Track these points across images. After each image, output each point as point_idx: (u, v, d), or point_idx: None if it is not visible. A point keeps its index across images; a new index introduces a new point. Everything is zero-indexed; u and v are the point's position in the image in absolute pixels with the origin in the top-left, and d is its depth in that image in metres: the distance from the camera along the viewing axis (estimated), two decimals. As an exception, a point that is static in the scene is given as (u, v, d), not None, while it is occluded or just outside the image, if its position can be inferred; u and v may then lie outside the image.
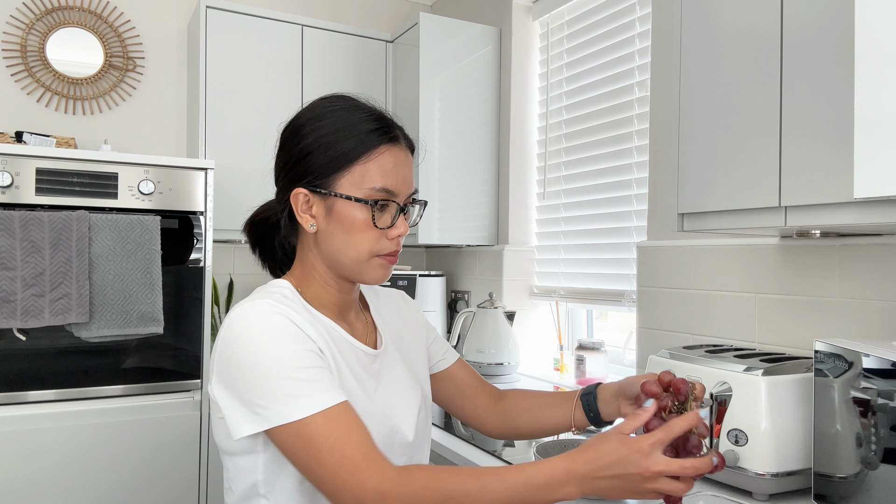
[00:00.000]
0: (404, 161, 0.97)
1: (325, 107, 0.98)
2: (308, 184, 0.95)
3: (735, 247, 1.65)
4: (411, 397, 1.05)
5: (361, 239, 0.94)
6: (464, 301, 2.82)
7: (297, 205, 0.96)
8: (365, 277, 0.98)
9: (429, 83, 2.56)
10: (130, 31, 2.65)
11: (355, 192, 0.93)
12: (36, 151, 1.91)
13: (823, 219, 1.12)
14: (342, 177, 0.93)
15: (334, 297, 1.01)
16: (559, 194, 2.47)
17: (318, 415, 0.83)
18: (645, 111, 2.06)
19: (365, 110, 0.97)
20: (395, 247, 0.97)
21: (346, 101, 0.99)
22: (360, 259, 0.96)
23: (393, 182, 0.95)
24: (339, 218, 0.94)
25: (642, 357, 1.93)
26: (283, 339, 0.87)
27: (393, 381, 1.04)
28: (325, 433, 0.82)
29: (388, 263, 0.98)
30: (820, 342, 1.09)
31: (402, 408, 1.03)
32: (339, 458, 0.81)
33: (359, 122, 0.95)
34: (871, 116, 0.90)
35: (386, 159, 0.95)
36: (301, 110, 1.00)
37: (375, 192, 0.93)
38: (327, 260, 0.98)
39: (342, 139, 0.94)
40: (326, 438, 0.82)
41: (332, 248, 0.96)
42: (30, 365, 1.91)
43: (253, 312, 0.89)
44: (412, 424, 1.03)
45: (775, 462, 1.17)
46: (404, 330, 1.14)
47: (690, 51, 1.38)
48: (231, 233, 2.50)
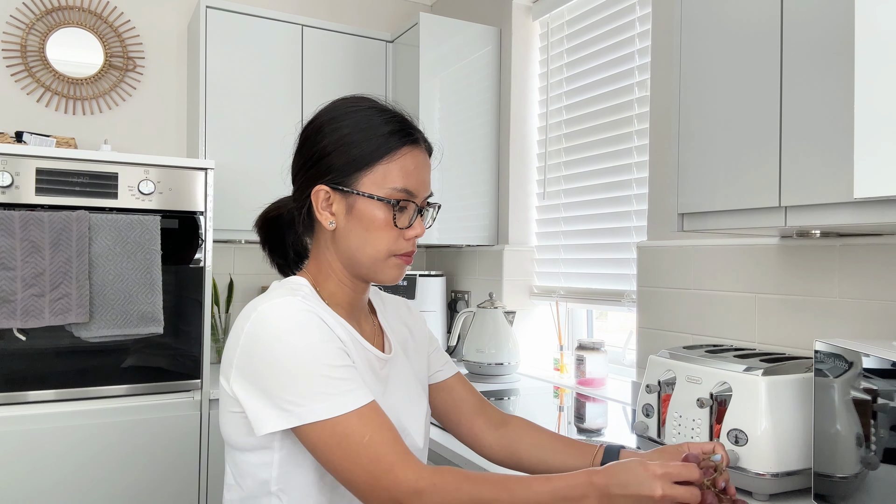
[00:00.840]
0: (424, 163, 0.99)
1: (348, 107, 0.99)
2: (330, 181, 0.96)
3: (735, 247, 1.65)
4: (418, 404, 1.06)
5: (380, 237, 0.96)
6: (464, 301, 2.82)
7: (317, 202, 0.97)
8: (381, 276, 0.99)
9: (429, 83, 2.56)
10: (130, 31, 2.65)
11: (377, 192, 0.94)
12: (36, 151, 1.91)
13: (823, 219, 1.12)
14: (365, 176, 0.95)
15: (348, 297, 1.02)
16: (559, 194, 2.47)
17: (352, 413, 0.84)
18: (645, 111, 2.06)
19: (387, 112, 0.99)
20: (411, 247, 0.98)
21: (367, 102, 1.00)
22: (378, 258, 0.97)
23: (413, 183, 0.96)
24: (359, 216, 0.95)
25: (642, 357, 1.93)
26: (315, 337, 0.87)
27: (401, 386, 1.04)
28: (360, 432, 0.83)
29: (403, 263, 0.99)
30: (820, 342, 1.09)
31: (411, 414, 1.03)
32: (374, 457, 0.82)
33: (381, 123, 0.97)
34: (870, 116, 0.90)
35: (408, 160, 0.96)
36: (322, 109, 1.01)
37: (397, 192, 0.95)
38: (343, 258, 0.99)
39: (365, 139, 0.95)
40: (361, 437, 0.83)
41: (351, 246, 0.97)
42: (30, 365, 1.91)
43: (282, 308, 0.89)
44: (421, 430, 1.04)
45: (775, 462, 1.17)
46: (408, 337, 1.15)
47: (690, 51, 1.38)
48: (231, 233, 2.50)
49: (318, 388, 0.84)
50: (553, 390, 2.18)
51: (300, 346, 0.86)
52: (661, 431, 1.36)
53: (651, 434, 1.39)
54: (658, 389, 1.38)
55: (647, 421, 1.40)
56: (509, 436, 1.14)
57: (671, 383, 1.35)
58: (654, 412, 1.38)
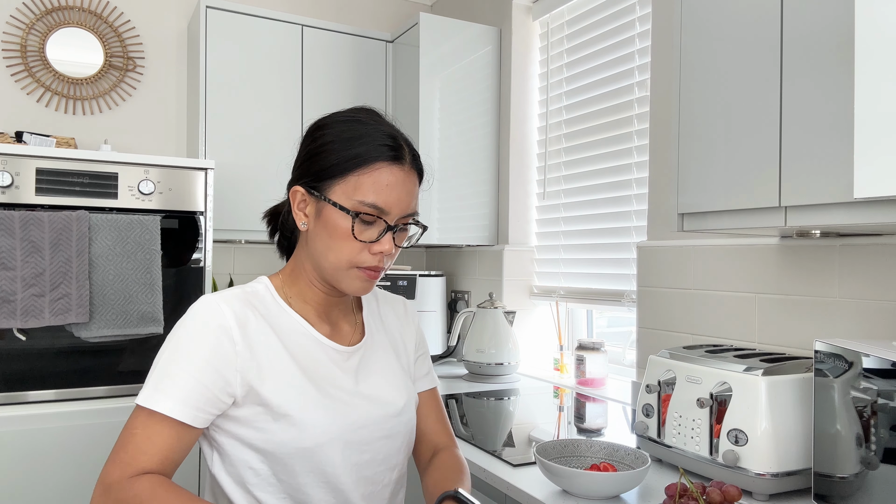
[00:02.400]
0: (402, 181, 0.97)
1: (348, 115, 1.01)
2: (306, 183, 0.99)
3: (735, 247, 1.65)
4: (400, 382, 1.08)
5: (342, 247, 0.96)
6: (464, 301, 2.82)
7: (294, 201, 1.00)
8: (343, 286, 1.00)
9: (429, 83, 2.56)
10: (130, 31, 2.65)
11: (343, 201, 0.95)
12: (36, 151, 1.91)
13: (823, 219, 1.12)
14: (336, 184, 0.96)
15: (318, 297, 1.04)
16: (559, 194, 2.47)
17: (147, 410, 0.90)
18: (645, 111, 2.06)
19: (381, 127, 0.99)
20: (376, 262, 0.98)
21: (367, 114, 1.02)
22: (339, 266, 0.98)
23: (384, 199, 0.96)
24: (325, 222, 0.97)
25: (642, 357, 1.93)
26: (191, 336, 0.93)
27: (378, 371, 1.07)
28: (137, 426, 0.90)
29: (367, 277, 0.99)
30: (820, 342, 1.09)
31: (392, 388, 1.06)
32: (120, 447, 0.90)
33: (370, 135, 0.97)
34: (870, 116, 0.90)
35: (382, 176, 0.96)
36: (327, 114, 1.04)
37: (363, 205, 0.95)
38: (312, 260, 1.01)
39: (348, 148, 0.96)
40: (132, 429, 0.90)
41: (316, 249, 0.99)
42: (30, 365, 1.91)
43: (197, 305, 0.96)
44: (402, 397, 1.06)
45: (775, 462, 1.17)
46: (399, 333, 1.17)
47: (690, 50, 1.38)
48: (231, 233, 2.50)
49: (156, 377, 0.92)
50: (553, 390, 2.18)
51: (176, 339, 0.94)
52: (661, 431, 1.36)
53: (651, 434, 1.39)
54: (658, 389, 1.38)
55: (647, 421, 1.40)
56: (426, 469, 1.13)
57: (671, 383, 1.35)
58: (654, 412, 1.38)
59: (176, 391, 0.90)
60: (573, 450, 1.33)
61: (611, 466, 1.22)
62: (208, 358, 0.92)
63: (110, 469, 0.88)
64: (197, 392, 0.91)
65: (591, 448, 1.32)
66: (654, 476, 1.32)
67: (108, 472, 0.88)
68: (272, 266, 2.85)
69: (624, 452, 1.28)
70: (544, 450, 1.30)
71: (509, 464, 1.41)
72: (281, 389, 0.95)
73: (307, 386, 0.97)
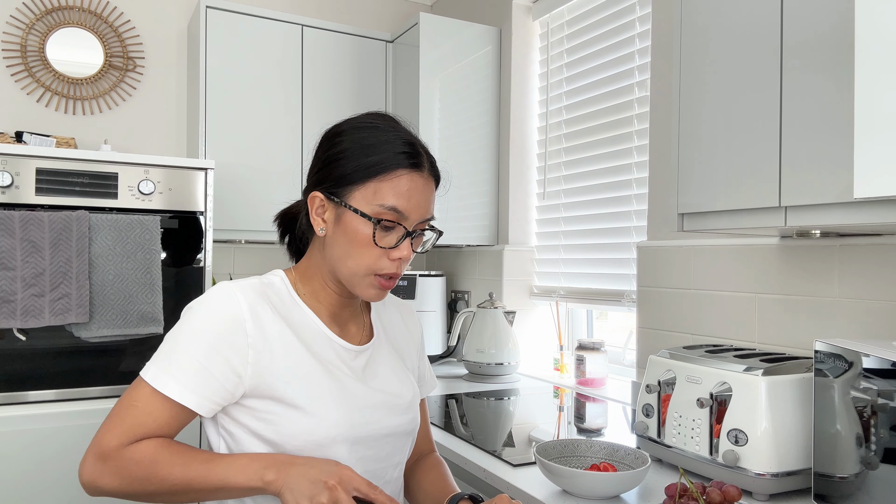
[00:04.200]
0: (422, 188, 0.99)
1: (366, 121, 1.02)
2: (325, 189, 0.99)
3: (735, 247, 1.65)
4: (406, 379, 1.10)
5: (362, 253, 0.97)
6: (464, 301, 2.82)
7: (312, 207, 1.01)
8: (357, 291, 1.01)
9: (429, 83, 2.56)
10: (130, 31, 2.65)
11: (364, 207, 0.96)
12: (36, 151, 1.91)
13: (823, 219, 1.12)
14: (356, 190, 0.96)
15: (331, 298, 1.05)
16: (559, 194, 2.47)
17: (151, 387, 0.91)
18: (645, 111, 2.06)
19: (400, 133, 1.00)
20: (394, 269, 0.99)
21: (385, 120, 1.02)
22: (357, 273, 0.98)
23: (404, 205, 0.96)
24: (345, 228, 0.97)
25: (642, 357, 1.93)
26: (203, 322, 0.94)
27: (385, 372, 1.08)
28: (138, 399, 0.91)
29: (382, 287, 1.00)
30: (820, 342, 1.09)
31: (399, 383, 1.08)
32: (117, 417, 0.91)
33: (389, 142, 0.98)
34: (870, 117, 0.90)
35: (402, 182, 0.96)
36: (345, 119, 1.04)
37: (384, 210, 0.96)
38: (329, 264, 1.02)
39: (368, 155, 0.97)
40: (133, 401, 0.91)
41: (335, 255, 1.00)
42: (30, 365, 1.91)
43: (213, 291, 0.97)
44: (409, 394, 1.08)
45: (775, 462, 1.17)
46: (403, 337, 1.19)
47: (690, 51, 1.38)
48: (231, 233, 2.50)
49: (164, 356, 0.93)
50: (553, 390, 2.18)
51: (189, 324, 0.94)
52: (661, 431, 1.36)
53: (651, 434, 1.39)
54: (658, 389, 1.38)
55: (647, 421, 1.40)
56: (414, 469, 1.17)
57: (671, 383, 1.35)
58: (654, 412, 1.38)
59: (183, 376, 0.91)
60: (573, 450, 1.33)
61: (611, 466, 1.22)
62: (220, 348, 0.93)
63: (107, 437, 0.89)
64: (203, 379, 0.92)
65: (591, 448, 1.32)
66: (654, 476, 1.32)
67: (104, 440, 0.89)
68: (272, 266, 2.85)
69: (624, 452, 1.28)
70: (544, 450, 1.30)
71: (509, 464, 1.41)
72: (294, 381, 0.96)
73: (321, 378, 0.98)
